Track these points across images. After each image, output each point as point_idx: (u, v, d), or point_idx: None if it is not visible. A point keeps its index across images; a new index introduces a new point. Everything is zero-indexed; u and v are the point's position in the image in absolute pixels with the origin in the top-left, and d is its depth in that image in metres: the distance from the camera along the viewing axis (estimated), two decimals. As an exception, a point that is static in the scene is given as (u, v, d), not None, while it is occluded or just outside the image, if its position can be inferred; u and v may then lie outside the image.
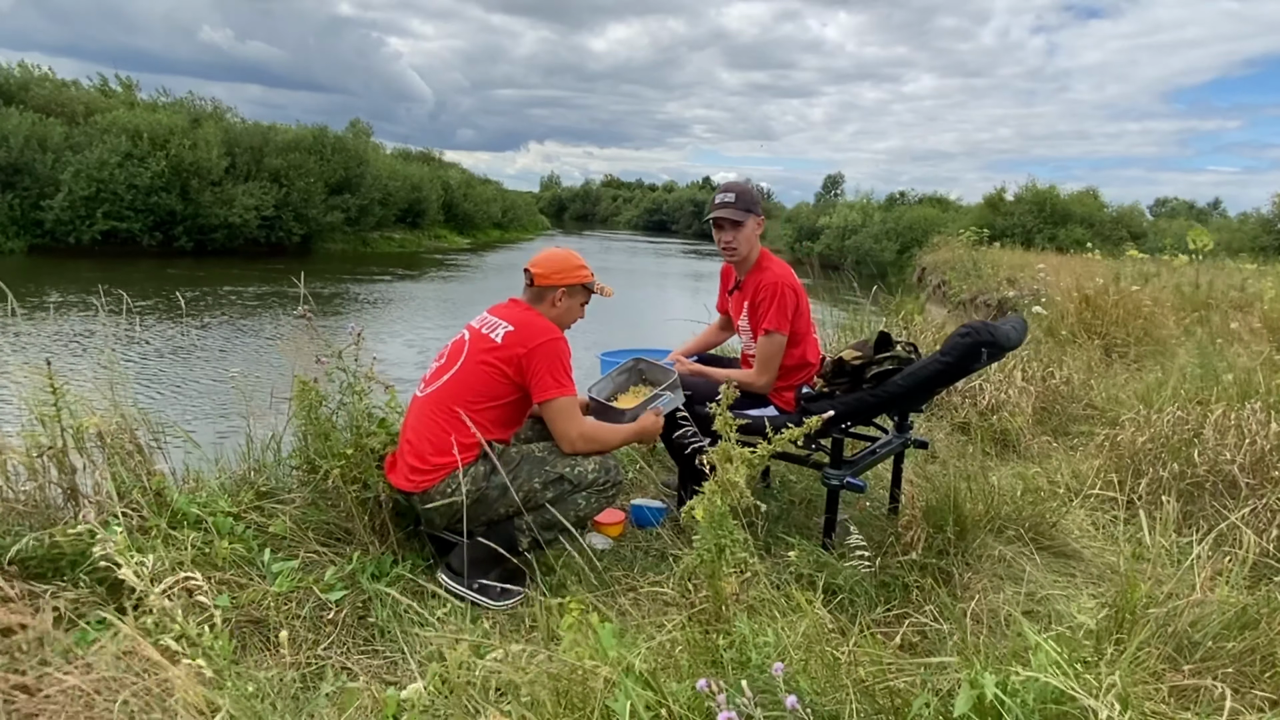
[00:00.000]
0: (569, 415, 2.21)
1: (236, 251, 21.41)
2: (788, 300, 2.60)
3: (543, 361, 2.16)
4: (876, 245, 26.98)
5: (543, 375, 2.16)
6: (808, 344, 2.73)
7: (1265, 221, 23.08)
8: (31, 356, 2.30)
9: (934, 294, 15.21)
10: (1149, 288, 7.22)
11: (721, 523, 1.43)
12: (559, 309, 2.31)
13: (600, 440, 2.27)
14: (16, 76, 21.59)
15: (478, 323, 2.30)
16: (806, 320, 2.71)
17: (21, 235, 18.36)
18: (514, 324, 2.22)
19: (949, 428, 4.14)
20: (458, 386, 2.19)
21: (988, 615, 2.10)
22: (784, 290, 2.60)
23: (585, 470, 2.23)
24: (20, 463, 2.12)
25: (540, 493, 2.20)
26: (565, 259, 2.33)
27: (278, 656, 1.87)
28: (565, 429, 2.21)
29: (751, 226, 2.68)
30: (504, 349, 2.18)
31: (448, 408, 2.17)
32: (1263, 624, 1.76)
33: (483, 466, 2.17)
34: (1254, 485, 2.80)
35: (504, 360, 2.17)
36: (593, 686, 1.26)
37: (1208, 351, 4.47)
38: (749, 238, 2.68)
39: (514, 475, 2.18)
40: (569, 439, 2.22)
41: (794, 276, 2.69)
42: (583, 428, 2.24)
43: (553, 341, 2.19)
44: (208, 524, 2.12)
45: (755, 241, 2.73)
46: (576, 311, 2.38)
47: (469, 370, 2.20)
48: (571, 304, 2.34)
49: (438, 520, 2.22)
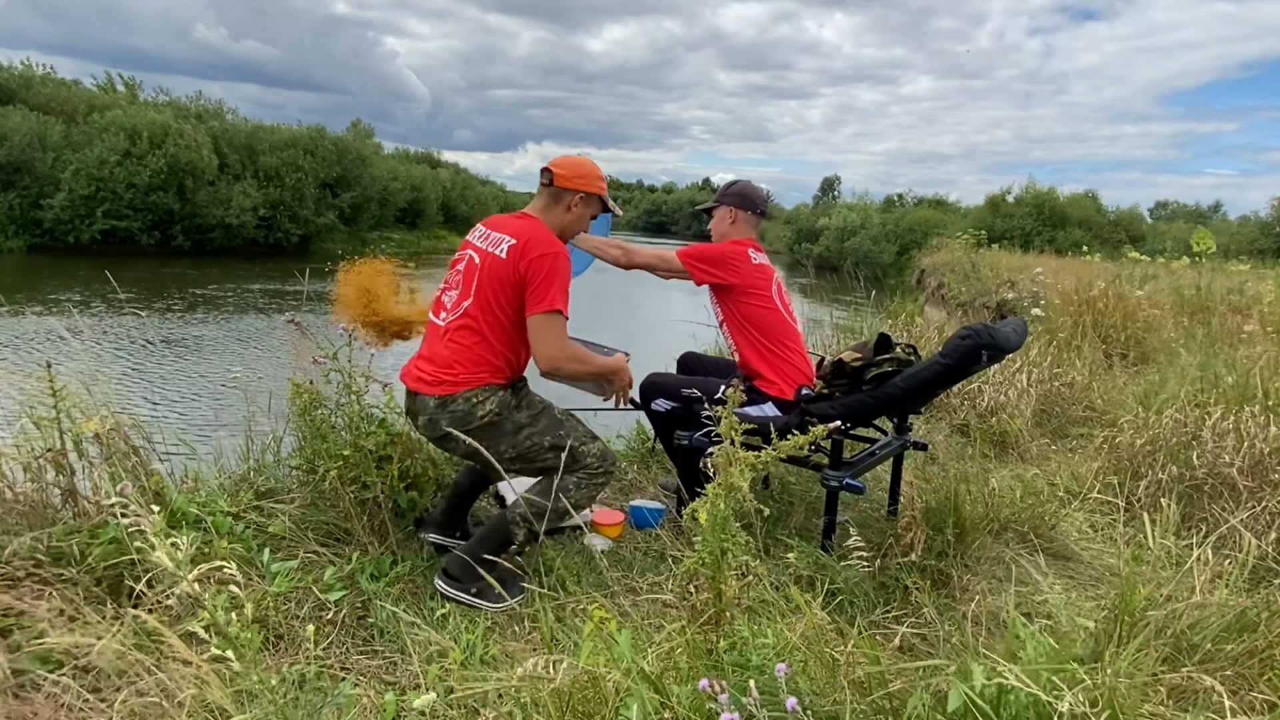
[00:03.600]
0: (559, 333, 2.12)
1: (235, 251, 21.41)
2: (711, 249, 2.76)
3: (541, 272, 2.08)
4: (875, 247, 27.01)
5: (538, 285, 2.08)
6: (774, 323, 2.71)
7: (1264, 224, 23.13)
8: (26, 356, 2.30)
9: (933, 296, 15.23)
10: (1148, 290, 7.23)
11: (724, 526, 1.43)
12: (572, 215, 2.25)
13: (584, 362, 2.19)
14: (16, 75, 21.59)
15: (480, 239, 2.21)
16: (763, 298, 2.72)
17: (21, 234, 18.36)
18: (516, 236, 2.14)
19: (948, 430, 4.14)
20: (480, 311, 2.12)
21: (987, 617, 2.10)
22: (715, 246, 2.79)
23: (589, 450, 2.20)
24: (18, 464, 2.12)
25: (544, 454, 2.17)
26: (588, 165, 2.28)
27: (277, 657, 1.87)
28: (552, 344, 2.10)
29: (718, 214, 2.88)
30: (509, 263, 2.11)
31: (475, 332, 2.12)
32: (1262, 626, 1.76)
33: (511, 396, 2.15)
34: (1253, 488, 2.80)
35: (512, 273, 2.10)
36: (603, 692, 1.26)
37: (1207, 354, 4.47)
38: (716, 224, 2.90)
39: (533, 422, 2.15)
40: (554, 355, 2.11)
41: (743, 252, 2.74)
42: (572, 347, 2.15)
43: (555, 255, 2.11)
44: (207, 524, 2.12)
45: (725, 228, 2.86)
46: (584, 224, 2.32)
47: (486, 292, 2.12)
48: (584, 213, 2.28)
49: (443, 425, 2.11)
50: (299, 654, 1.87)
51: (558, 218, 2.24)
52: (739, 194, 2.85)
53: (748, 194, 2.86)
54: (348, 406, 2.43)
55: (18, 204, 18.30)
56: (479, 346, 2.12)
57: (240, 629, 1.05)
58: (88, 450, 2.25)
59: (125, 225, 19.40)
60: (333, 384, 2.45)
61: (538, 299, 2.08)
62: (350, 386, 2.41)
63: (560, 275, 2.10)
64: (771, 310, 2.72)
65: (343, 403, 2.44)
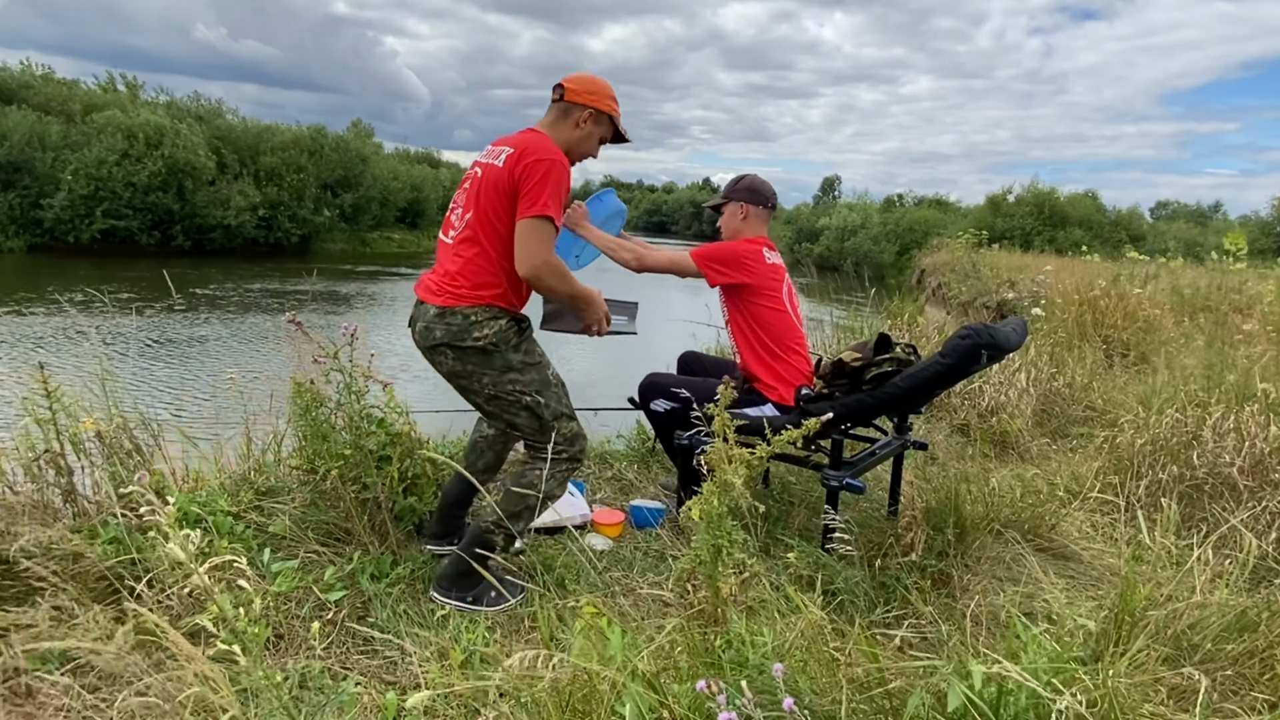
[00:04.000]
0: (545, 239, 1.99)
1: (235, 251, 21.41)
2: (725, 250, 2.72)
3: (534, 177, 1.98)
4: (875, 247, 27.00)
5: (531, 189, 1.98)
6: (782, 326, 2.71)
7: (1264, 224, 23.14)
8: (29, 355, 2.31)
9: (933, 296, 15.23)
10: (1149, 289, 7.22)
11: (719, 524, 1.43)
12: (580, 132, 2.16)
13: (564, 279, 2.07)
14: (16, 75, 21.59)
15: (484, 155, 2.16)
16: (773, 299, 2.70)
17: (21, 234, 18.37)
18: (515, 146, 2.06)
19: (948, 429, 4.14)
20: (480, 223, 2.07)
21: (987, 617, 2.10)
22: (729, 245, 2.75)
23: (560, 428, 2.13)
24: (18, 464, 2.12)
25: (517, 409, 2.11)
26: (601, 83, 2.18)
27: (278, 656, 1.87)
28: (537, 250, 1.98)
29: (729, 210, 2.84)
30: (505, 170, 2.03)
31: (475, 243, 2.07)
32: (1262, 626, 1.76)
33: (514, 335, 2.09)
34: (1253, 488, 2.80)
35: (508, 180, 2.02)
36: (599, 690, 1.26)
37: (1208, 353, 4.47)
38: (727, 220, 2.85)
39: (522, 371, 2.10)
40: (537, 261, 1.99)
41: (758, 252, 2.72)
42: (551, 259, 2.02)
43: (552, 161, 2.00)
44: (207, 523, 2.12)
45: (738, 225, 2.82)
46: (592, 144, 2.21)
47: (484, 202, 2.06)
48: (594, 132, 2.18)
49: (437, 334, 2.07)
50: (300, 653, 1.87)
51: (565, 133, 2.15)
52: (749, 189, 2.80)
53: (758, 188, 2.81)
54: (348, 406, 2.43)
55: (18, 204, 18.30)
56: (480, 259, 2.06)
57: (248, 624, 1.05)
58: (88, 450, 2.25)
59: (125, 225, 19.40)
60: (333, 384, 2.45)
61: (529, 203, 1.98)
62: (351, 386, 2.41)
63: (554, 182, 1.99)
64: (780, 312, 2.71)
65: (343, 402, 2.44)
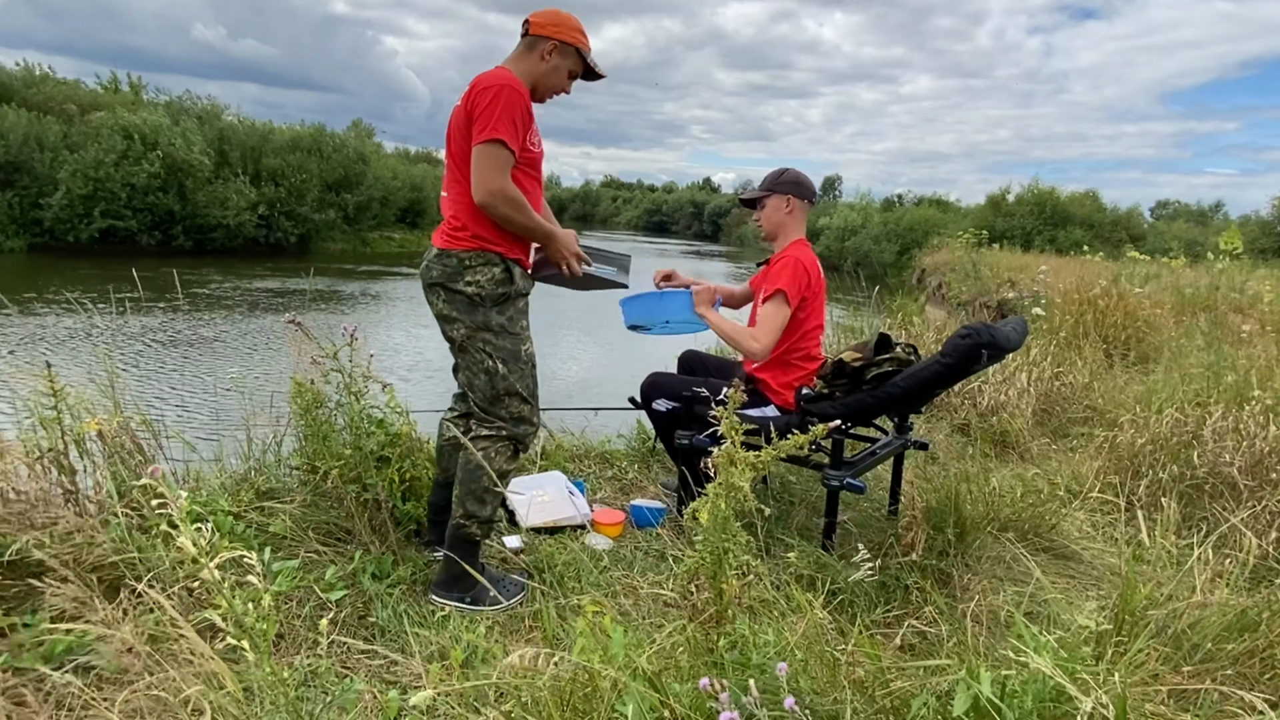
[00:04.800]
0: (497, 164, 1.92)
1: (235, 251, 21.39)
2: (799, 272, 2.58)
3: (483, 103, 1.92)
4: (876, 246, 26.97)
5: (479, 115, 1.92)
6: (811, 337, 2.70)
7: (1265, 224, 23.14)
8: (31, 354, 2.31)
9: (934, 295, 15.23)
10: (1149, 289, 7.22)
11: (725, 526, 1.43)
12: (546, 64, 2.10)
13: (519, 208, 1.98)
14: (16, 74, 21.58)
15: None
16: (815, 312, 2.68)
17: (21, 234, 18.35)
18: (474, 81, 2.01)
19: (949, 429, 4.15)
20: (454, 162, 2.05)
21: (987, 616, 2.10)
22: (797, 262, 2.60)
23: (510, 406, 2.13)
24: (21, 463, 2.12)
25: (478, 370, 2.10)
26: (567, 17, 2.13)
27: (280, 655, 1.87)
28: (489, 175, 1.92)
29: (773, 203, 2.70)
30: (461, 105, 2.00)
31: (457, 182, 2.04)
32: (1263, 626, 1.76)
33: (500, 289, 2.06)
34: (1253, 487, 2.80)
35: (464, 113, 1.98)
36: (600, 688, 1.26)
37: (1209, 353, 4.48)
38: (770, 215, 2.71)
39: (498, 335, 2.08)
40: (488, 186, 1.93)
41: (816, 265, 2.67)
42: (506, 183, 1.95)
43: (500, 87, 1.94)
44: (208, 523, 2.12)
45: (783, 219, 2.70)
46: (560, 78, 2.14)
47: (455, 146, 2.04)
48: (560, 65, 2.11)
49: (434, 274, 2.07)
50: (302, 652, 1.87)
51: (530, 65, 2.10)
52: (795, 182, 2.71)
53: (803, 182, 2.73)
54: (348, 406, 2.44)
55: (17, 204, 18.29)
56: (463, 198, 2.04)
57: (257, 620, 1.05)
58: (91, 449, 2.26)
59: (125, 225, 19.39)
60: (332, 384, 2.45)
61: (479, 129, 1.93)
62: (350, 387, 2.41)
63: (503, 105, 1.92)
64: (819, 323, 2.72)
65: (343, 403, 2.45)
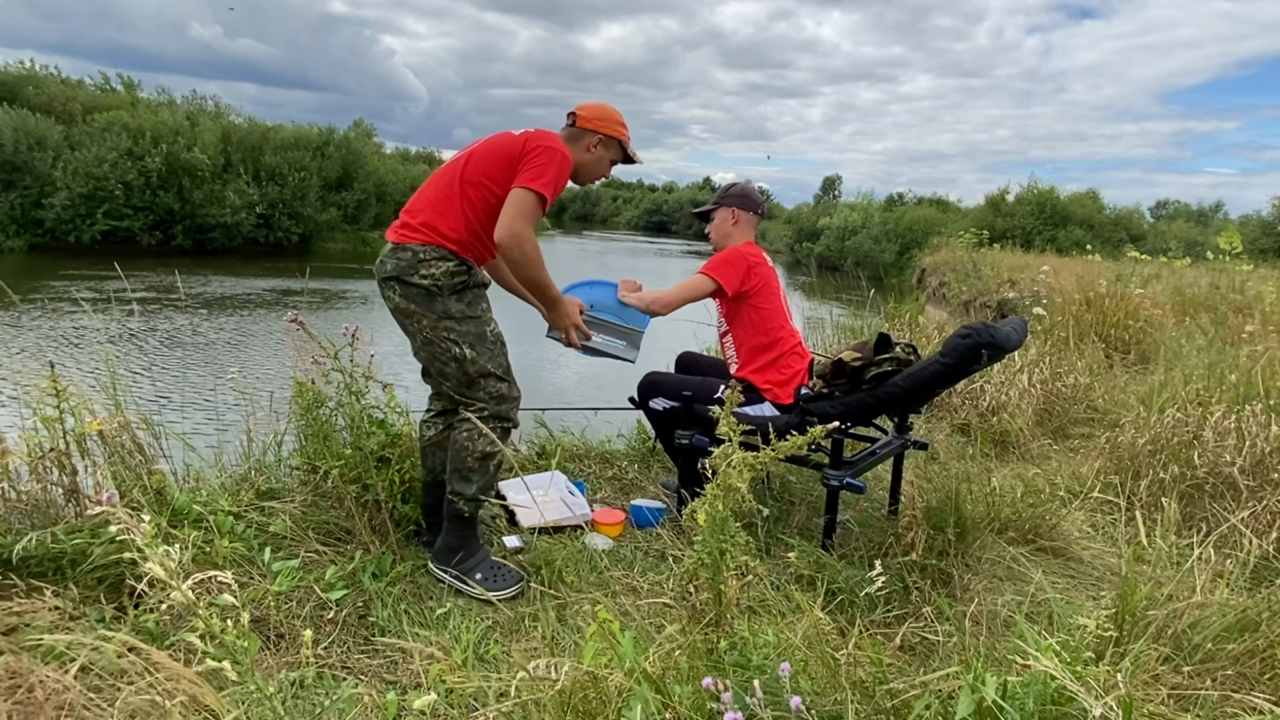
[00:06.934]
0: (526, 212, 2.07)
1: (236, 250, 21.39)
2: (732, 259, 2.69)
3: (540, 156, 2.10)
4: (876, 246, 26.95)
5: (533, 165, 2.09)
6: (777, 324, 2.73)
7: (1265, 224, 23.13)
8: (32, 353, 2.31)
9: (934, 295, 15.23)
10: (1149, 289, 7.22)
11: (723, 527, 1.43)
12: (591, 155, 2.31)
13: (534, 260, 2.12)
14: (15, 75, 21.59)
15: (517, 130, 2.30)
16: (770, 298, 2.73)
17: (22, 234, 18.36)
18: (538, 132, 2.21)
19: (949, 429, 4.14)
20: (470, 162, 2.17)
21: (987, 617, 2.10)
22: (734, 252, 2.72)
23: (487, 386, 2.16)
24: (23, 463, 2.13)
25: (447, 360, 2.14)
26: (610, 111, 2.35)
27: (279, 656, 1.87)
28: (514, 219, 2.06)
29: (720, 215, 2.85)
30: (520, 138, 2.16)
31: (457, 177, 2.16)
32: (1263, 626, 1.76)
33: (457, 280, 2.13)
34: (1254, 488, 2.80)
35: (516, 145, 2.14)
36: (605, 693, 1.26)
37: (1210, 353, 4.47)
38: (717, 226, 2.86)
39: (459, 321, 2.13)
40: (513, 228, 2.06)
41: (758, 254, 2.75)
42: (529, 234, 2.09)
43: (562, 154, 2.13)
44: (208, 523, 2.12)
45: (728, 229, 2.84)
46: (603, 167, 2.35)
47: (485, 151, 2.18)
48: (603, 156, 2.33)
49: (388, 268, 2.14)
50: (299, 654, 1.87)
51: (578, 155, 2.27)
52: (740, 195, 2.87)
53: (749, 194, 2.88)
54: (349, 406, 2.44)
55: (18, 204, 18.29)
56: (447, 202, 2.14)
57: (236, 636, 1.04)
58: (92, 449, 2.26)
59: (126, 225, 19.39)
60: (333, 384, 2.45)
61: (528, 175, 2.08)
62: (351, 387, 2.41)
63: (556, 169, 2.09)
64: (781, 313, 2.76)
65: (343, 403, 2.45)
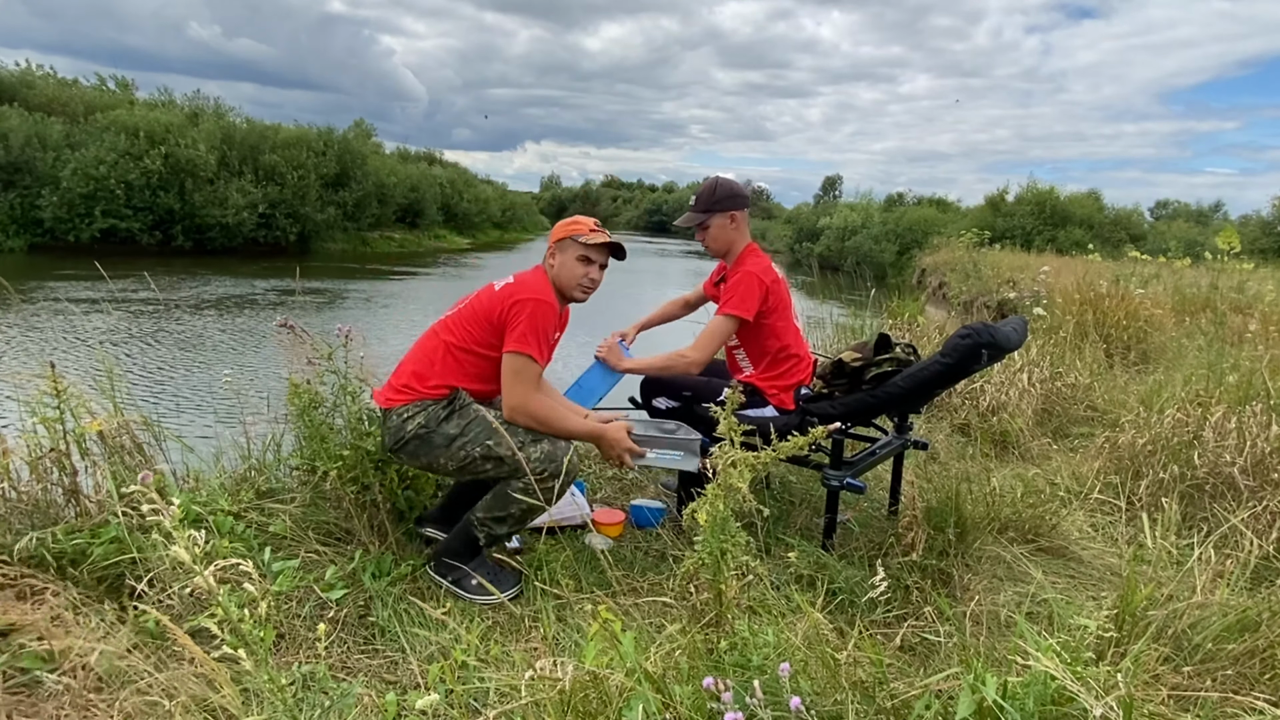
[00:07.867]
0: (521, 378, 2.17)
1: (235, 250, 21.39)
2: (751, 289, 2.59)
3: (518, 316, 2.19)
4: (876, 246, 26.96)
5: (513, 327, 2.19)
6: (789, 335, 2.70)
7: (1265, 224, 23.14)
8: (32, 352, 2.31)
9: (934, 295, 15.23)
10: (1149, 289, 7.22)
11: (724, 527, 1.43)
12: (555, 265, 2.34)
13: (544, 421, 2.18)
14: (16, 74, 21.59)
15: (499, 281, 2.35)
16: (784, 313, 2.68)
17: (22, 234, 18.36)
18: (515, 278, 2.30)
19: (949, 429, 4.14)
20: (454, 323, 2.27)
21: (987, 617, 2.10)
22: (752, 279, 2.61)
23: (530, 455, 2.15)
24: (24, 462, 2.13)
25: (480, 465, 2.18)
26: (565, 221, 2.40)
27: (280, 656, 1.87)
28: (511, 390, 2.17)
29: (717, 223, 2.69)
30: (498, 297, 2.24)
31: (441, 340, 2.26)
32: (1263, 626, 1.76)
33: (443, 410, 2.21)
34: (1254, 488, 2.80)
35: (495, 306, 2.22)
36: (606, 693, 1.26)
37: (1210, 353, 4.47)
38: (716, 235, 2.71)
39: (463, 433, 2.19)
40: (510, 405, 2.18)
41: (771, 270, 2.68)
42: (530, 398, 2.17)
43: (535, 301, 2.20)
44: (208, 523, 2.12)
45: (729, 235, 2.70)
46: (574, 269, 2.31)
47: (469, 311, 2.27)
48: (564, 260, 2.32)
49: (386, 441, 2.26)
50: (300, 653, 1.87)
51: (551, 273, 2.35)
52: (729, 195, 2.70)
53: (738, 192, 2.73)
54: (346, 406, 2.44)
55: (18, 204, 18.29)
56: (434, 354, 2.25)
57: (253, 626, 1.05)
58: (91, 449, 2.26)
59: (125, 225, 19.39)
60: (328, 385, 2.45)
61: (510, 339, 2.18)
62: (346, 388, 2.42)
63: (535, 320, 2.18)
64: (791, 324, 2.71)
65: (339, 403, 2.45)
